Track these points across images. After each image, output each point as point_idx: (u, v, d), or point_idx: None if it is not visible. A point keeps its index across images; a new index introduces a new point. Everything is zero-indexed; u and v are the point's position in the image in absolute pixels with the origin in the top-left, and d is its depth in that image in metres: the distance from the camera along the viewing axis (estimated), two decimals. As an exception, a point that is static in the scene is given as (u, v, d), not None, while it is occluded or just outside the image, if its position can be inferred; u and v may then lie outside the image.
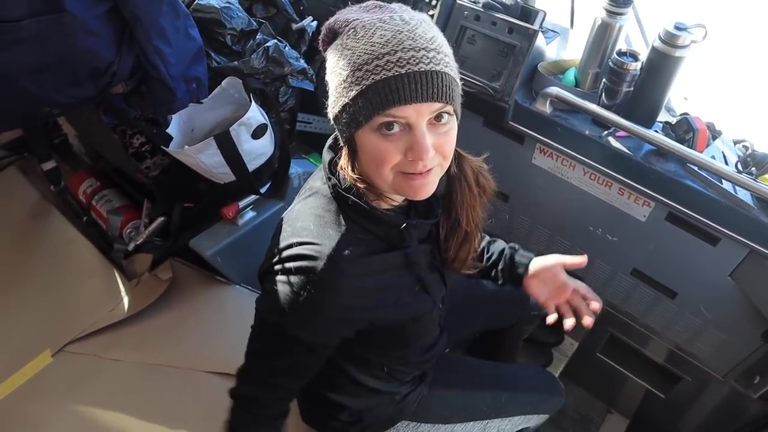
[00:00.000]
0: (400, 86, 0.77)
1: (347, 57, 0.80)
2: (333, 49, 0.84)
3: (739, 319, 1.47)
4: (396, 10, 0.82)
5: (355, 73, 0.79)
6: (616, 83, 1.37)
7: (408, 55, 0.77)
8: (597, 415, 2.16)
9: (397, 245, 0.96)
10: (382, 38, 0.77)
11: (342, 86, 0.81)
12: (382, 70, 0.77)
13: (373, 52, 0.77)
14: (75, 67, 1.18)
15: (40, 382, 1.53)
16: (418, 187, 0.86)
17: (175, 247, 1.73)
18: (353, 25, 0.81)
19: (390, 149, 0.82)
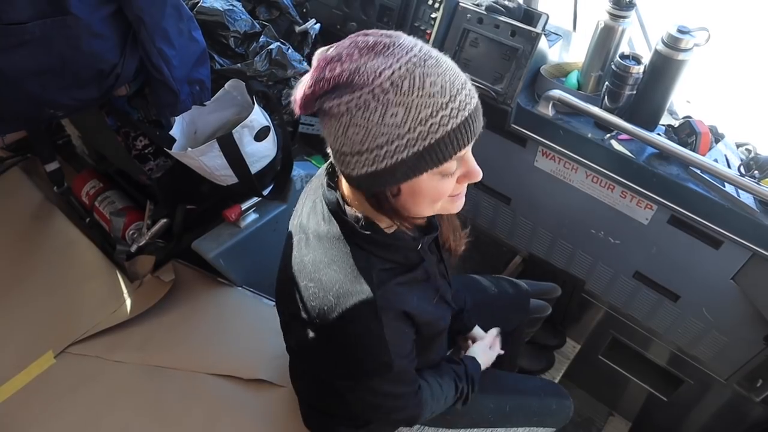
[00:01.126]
0: (468, 128, 0.76)
1: (402, 113, 0.73)
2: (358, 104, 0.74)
3: (741, 323, 1.47)
4: (409, 44, 0.76)
5: (418, 128, 0.73)
6: (619, 86, 1.37)
7: (463, 95, 0.75)
8: (599, 418, 2.15)
9: (416, 264, 0.96)
10: (435, 85, 0.73)
11: (395, 144, 0.74)
12: (450, 119, 0.74)
13: (436, 103, 0.73)
14: (79, 69, 1.18)
15: (42, 383, 1.53)
16: (460, 202, 0.89)
17: (178, 249, 1.74)
18: (388, 76, 0.72)
19: (448, 186, 0.82)
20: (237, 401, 1.45)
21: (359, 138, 0.76)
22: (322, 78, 0.75)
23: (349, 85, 0.74)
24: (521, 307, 1.55)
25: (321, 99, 0.76)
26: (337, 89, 0.75)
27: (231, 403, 1.45)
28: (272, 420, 1.40)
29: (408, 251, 0.94)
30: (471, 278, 1.56)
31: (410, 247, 0.94)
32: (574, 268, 1.81)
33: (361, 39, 0.76)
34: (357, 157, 0.78)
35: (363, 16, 1.75)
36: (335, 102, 0.75)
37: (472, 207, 1.53)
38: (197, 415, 1.45)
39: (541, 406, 1.41)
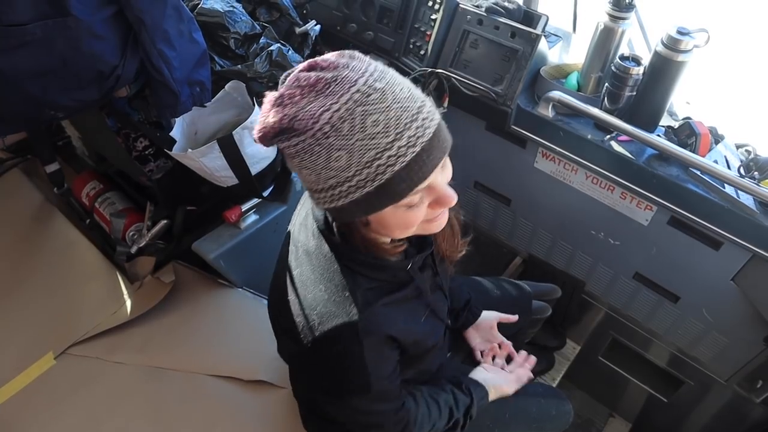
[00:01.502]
0: (422, 164, 0.72)
1: (345, 157, 0.70)
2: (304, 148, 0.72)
3: (741, 324, 1.47)
4: (352, 77, 0.71)
5: (364, 171, 0.71)
6: (619, 87, 1.37)
7: (413, 130, 0.71)
8: (599, 419, 2.15)
9: (405, 282, 0.96)
10: (378, 125, 0.69)
11: (346, 185, 0.73)
12: (398, 158, 0.71)
13: (378, 145, 0.70)
14: (79, 71, 1.18)
15: (42, 384, 1.53)
16: (441, 222, 0.87)
17: (178, 250, 1.73)
18: (325, 119, 0.69)
19: (418, 215, 0.80)
20: (237, 402, 1.45)
21: (312, 179, 0.76)
22: (269, 123, 0.73)
23: (292, 129, 0.72)
24: (524, 309, 1.55)
25: (273, 141, 0.75)
26: (284, 133, 0.73)
27: (231, 404, 1.45)
28: (272, 421, 1.40)
29: (396, 271, 0.93)
30: (473, 280, 1.56)
31: (399, 267, 0.93)
32: (574, 269, 1.81)
33: (304, 76, 0.72)
34: (317, 194, 0.78)
35: (363, 18, 1.75)
36: (285, 145, 0.74)
37: (472, 208, 1.53)
38: (197, 417, 1.45)
39: (540, 412, 1.41)
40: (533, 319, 1.59)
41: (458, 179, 1.86)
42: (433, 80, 1.60)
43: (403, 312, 0.96)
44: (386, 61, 1.70)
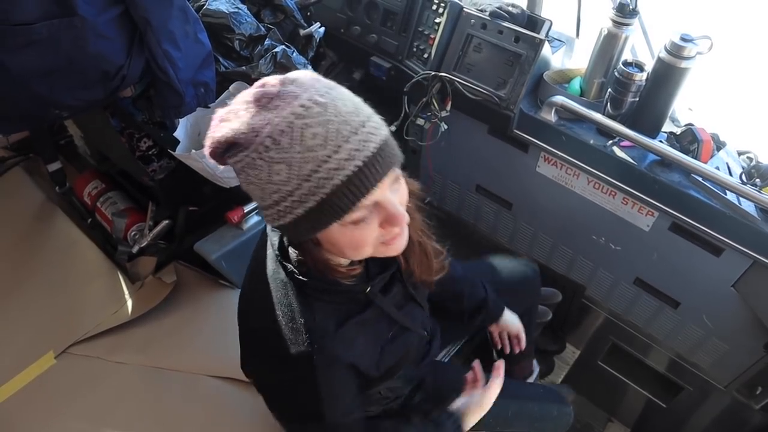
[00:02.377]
0: (363, 178, 0.71)
1: (285, 170, 0.70)
2: (248, 164, 0.72)
3: (741, 330, 1.47)
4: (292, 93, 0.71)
5: (305, 184, 0.70)
6: (622, 93, 1.37)
7: (353, 143, 0.70)
8: (598, 424, 2.15)
9: (366, 305, 0.95)
10: (317, 138, 0.69)
11: (289, 200, 0.72)
12: (337, 171, 0.70)
13: (317, 158, 0.69)
14: (85, 70, 1.19)
15: (43, 383, 1.53)
16: (400, 244, 0.84)
17: (180, 251, 1.74)
18: (267, 133, 0.69)
19: (367, 234, 0.78)
20: (238, 403, 1.45)
21: (258, 195, 0.75)
22: (216, 140, 0.73)
23: (237, 144, 0.72)
24: (532, 286, 1.53)
25: (223, 156, 0.75)
26: (231, 148, 0.73)
27: (232, 404, 1.45)
28: (272, 422, 1.40)
29: (355, 294, 0.92)
30: (480, 262, 1.54)
31: (357, 291, 0.92)
32: (575, 273, 1.82)
33: (250, 92, 0.73)
34: (265, 211, 0.77)
35: (367, 20, 1.76)
36: (231, 161, 0.74)
37: (473, 212, 1.53)
38: (198, 417, 1.45)
39: (542, 413, 1.42)
40: (536, 323, 1.60)
41: (460, 183, 1.86)
42: (436, 84, 1.61)
43: (365, 334, 0.94)
44: (386, 69, 1.71)
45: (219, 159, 0.77)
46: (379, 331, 0.99)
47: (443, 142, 1.74)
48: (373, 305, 0.95)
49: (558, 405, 1.46)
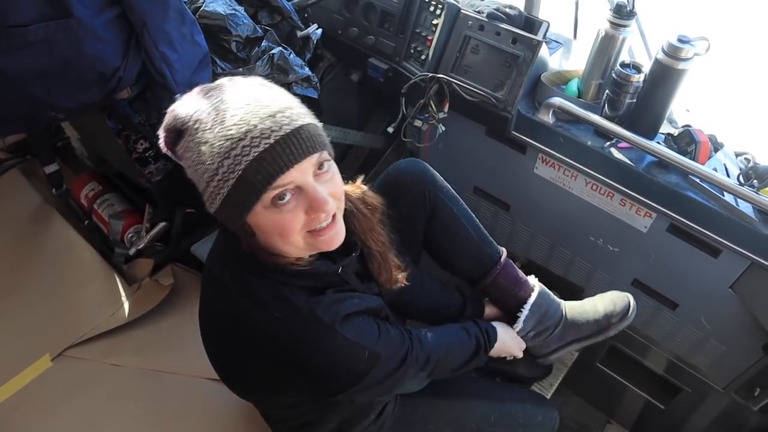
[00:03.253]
0: (276, 156, 0.77)
1: (208, 150, 0.78)
2: (186, 148, 0.82)
3: (739, 331, 1.47)
4: (227, 85, 0.82)
5: (225, 162, 0.77)
6: (619, 94, 1.37)
7: (268, 123, 0.77)
8: (596, 426, 2.15)
9: (340, 283, 0.99)
10: (235, 117, 0.77)
11: (215, 180, 0.79)
12: (251, 149, 0.76)
13: (234, 136, 0.76)
14: (81, 72, 1.18)
15: (39, 386, 1.52)
16: (332, 238, 0.89)
17: (177, 253, 1.74)
18: (196, 117, 0.79)
19: (290, 218, 0.82)
20: (234, 407, 1.44)
21: (196, 178, 0.83)
22: (164, 127, 0.84)
23: (181, 130, 0.82)
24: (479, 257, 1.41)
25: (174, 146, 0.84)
26: (178, 136, 0.83)
27: (229, 407, 1.44)
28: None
29: (326, 276, 0.96)
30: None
31: (327, 272, 0.96)
32: (573, 275, 1.81)
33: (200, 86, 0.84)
34: (203, 196, 0.84)
35: (364, 22, 1.76)
36: (178, 147, 0.83)
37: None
38: (195, 420, 1.45)
39: (526, 417, 1.40)
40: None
41: (458, 185, 1.86)
42: (433, 85, 1.61)
43: (349, 297, 0.98)
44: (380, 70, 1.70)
45: (171, 148, 0.85)
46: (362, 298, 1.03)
47: (441, 143, 1.73)
48: (347, 285, 1.00)
49: (543, 410, 1.45)
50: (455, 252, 1.40)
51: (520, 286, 1.41)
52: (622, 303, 1.42)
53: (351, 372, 0.94)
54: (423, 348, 1.10)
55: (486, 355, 1.28)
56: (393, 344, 1.02)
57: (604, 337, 1.41)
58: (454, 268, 1.43)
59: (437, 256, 1.44)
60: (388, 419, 1.27)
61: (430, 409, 1.32)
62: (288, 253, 0.89)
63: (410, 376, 1.07)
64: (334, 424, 1.16)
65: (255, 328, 0.91)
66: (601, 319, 1.40)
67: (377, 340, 0.97)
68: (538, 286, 1.42)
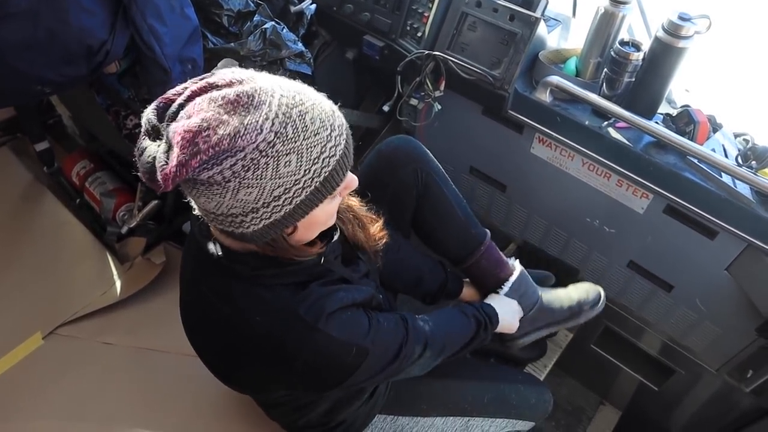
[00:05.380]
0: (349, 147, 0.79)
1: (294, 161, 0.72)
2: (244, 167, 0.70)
3: (734, 313, 1.47)
4: (269, 85, 0.73)
5: (313, 168, 0.74)
6: (618, 73, 1.35)
7: (337, 119, 0.78)
8: (589, 407, 2.16)
9: (323, 272, 0.95)
10: (315, 121, 0.74)
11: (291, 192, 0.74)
12: (336, 147, 0.76)
13: (322, 139, 0.74)
14: (67, 45, 1.15)
15: (30, 364, 1.52)
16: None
17: (169, 231, 1.72)
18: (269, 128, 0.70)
19: (336, 203, 0.85)
20: (227, 385, 1.44)
21: (253, 197, 0.73)
22: (198, 151, 0.67)
23: (230, 149, 0.69)
24: (465, 237, 1.42)
25: (201, 171, 0.70)
26: (216, 156, 0.69)
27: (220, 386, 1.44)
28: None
29: (311, 268, 0.93)
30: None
31: (312, 263, 0.93)
32: (568, 256, 1.81)
33: (218, 95, 0.69)
34: (252, 215, 0.75)
35: (360, -2, 1.72)
36: (216, 170, 0.70)
37: (467, 193, 1.52)
38: (186, 398, 1.45)
39: (520, 399, 1.41)
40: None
41: (454, 164, 1.84)
42: (429, 63, 1.58)
43: (334, 291, 0.95)
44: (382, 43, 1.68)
45: (184, 178, 0.70)
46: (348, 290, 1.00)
47: (437, 122, 1.71)
48: (332, 273, 0.96)
49: (537, 392, 1.45)
50: (443, 231, 1.41)
51: (501, 267, 1.44)
52: (594, 293, 1.50)
53: (338, 369, 0.93)
54: (419, 337, 1.08)
55: (489, 332, 1.28)
56: (385, 338, 1.00)
57: (574, 323, 1.48)
58: (439, 246, 1.44)
59: (424, 233, 1.45)
60: (381, 399, 1.27)
61: (423, 389, 1.33)
62: (314, 236, 0.88)
63: (408, 365, 1.07)
64: (328, 405, 1.16)
65: (239, 334, 0.89)
66: (573, 306, 1.46)
67: (366, 335, 0.95)
68: (519, 268, 1.45)
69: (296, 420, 1.18)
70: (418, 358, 1.09)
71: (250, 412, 1.38)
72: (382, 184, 1.31)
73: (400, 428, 1.32)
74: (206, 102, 0.70)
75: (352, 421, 1.24)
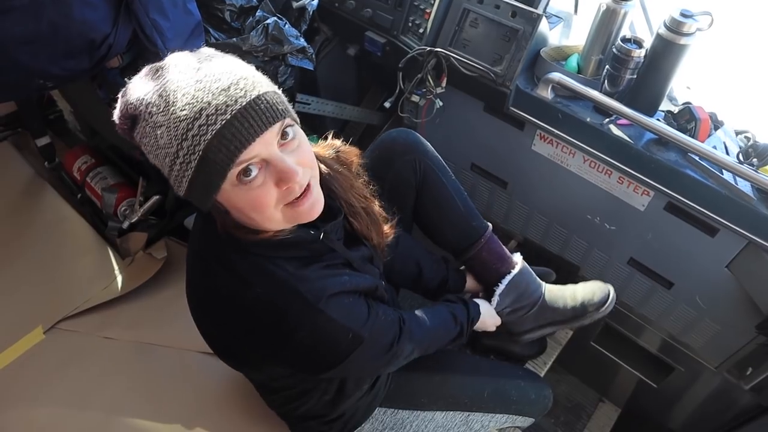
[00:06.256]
0: (235, 131, 0.73)
1: (165, 133, 0.74)
2: (143, 134, 0.77)
3: (734, 311, 1.47)
4: (174, 62, 0.78)
5: (183, 144, 0.74)
6: (619, 70, 1.35)
7: (222, 98, 0.73)
8: (589, 404, 2.17)
9: (325, 251, 0.96)
10: (187, 96, 0.73)
11: (178, 163, 0.76)
12: (208, 127, 0.73)
13: (188, 116, 0.73)
14: (69, 39, 1.15)
15: (31, 358, 1.52)
16: (311, 207, 0.86)
17: (170, 226, 1.73)
18: (148, 100, 0.75)
19: (261, 193, 0.80)
20: (227, 379, 1.44)
21: (158, 164, 0.79)
22: (118, 116, 0.80)
23: (134, 116, 0.77)
24: (465, 229, 1.41)
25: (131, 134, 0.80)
26: (132, 121, 0.78)
27: (221, 380, 1.44)
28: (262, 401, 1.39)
29: (309, 243, 0.93)
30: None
31: (312, 239, 0.93)
32: (569, 253, 1.81)
33: (147, 66, 0.80)
34: (169, 180, 0.80)
35: (362, -6, 1.72)
36: (134, 133, 0.79)
37: (468, 190, 1.52)
38: (187, 393, 1.45)
39: (519, 395, 1.41)
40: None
41: (455, 161, 1.83)
42: (431, 59, 1.58)
43: (338, 274, 0.96)
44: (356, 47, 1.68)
45: (129, 135, 0.81)
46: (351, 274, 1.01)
47: (438, 119, 1.71)
48: (334, 252, 0.97)
49: (536, 388, 1.46)
50: (442, 222, 1.41)
51: (502, 262, 1.42)
52: (601, 293, 1.44)
53: (331, 352, 0.94)
54: (413, 337, 1.10)
55: (466, 337, 1.30)
56: (380, 330, 1.01)
57: (578, 325, 1.45)
58: (440, 238, 1.44)
59: (425, 225, 1.44)
60: (381, 391, 1.28)
61: (423, 383, 1.33)
62: (269, 227, 0.87)
63: (395, 362, 1.08)
64: (328, 396, 1.17)
65: (240, 304, 0.90)
66: (577, 306, 1.43)
67: (364, 324, 0.96)
68: (521, 264, 1.43)
69: (295, 408, 1.19)
70: (405, 357, 1.11)
71: (250, 405, 1.39)
72: (381, 175, 1.30)
73: (400, 421, 1.32)
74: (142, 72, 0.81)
75: (353, 413, 1.24)
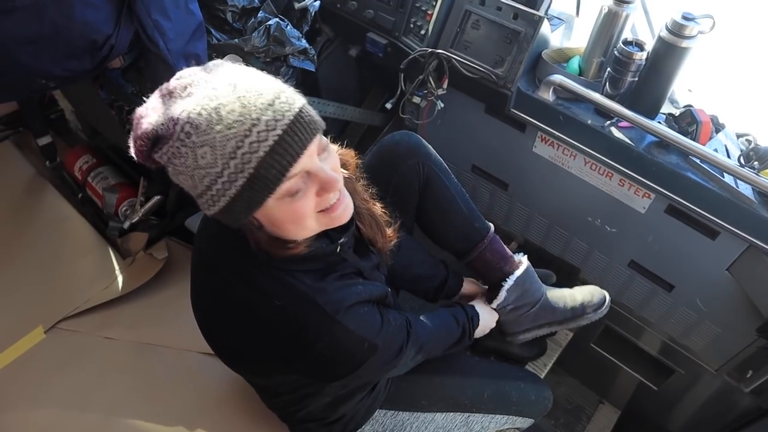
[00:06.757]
0: (286, 147, 0.73)
1: (209, 152, 0.72)
2: (174, 154, 0.74)
3: (734, 314, 1.47)
4: (204, 78, 0.76)
5: (231, 163, 0.72)
6: (621, 73, 1.35)
7: (270, 114, 0.73)
8: (589, 406, 2.17)
9: (338, 262, 0.98)
10: (233, 114, 0.71)
11: (220, 182, 0.74)
12: (259, 143, 0.72)
13: (237, 134, 0.71)
14: (71, 39, 1.16)
15: (32, 358, 1.52)
16: (344, 211, 0.87)
17: (171, 227, 1.73)
18: (185, 119, 0.72)
19: (303, 204, 0.80)
20: (227, 379, 1.44)
21: (189, 184, 0.77)
22: (138, 136, 0.75)
23: (159, 137, 0.74)
24: (467, 230, 1.43)
25: (150, 155, 0.77)
26: (156, 143, 0.75)
27: (222, 381, 1.44)
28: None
29: (327, 256, 0.95)
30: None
31: (328, 252, 0.94)
32: (570, 255, 1.81)
33: (165, 86, 0.76)
34: (200, 199, 0.79)
35: (364, -5, 1.72)
36: (158, 155, 0.76)
37: (469, 192, 1.52)
38: (188, 393, 1.45)
39: (519, 396, 1.42)
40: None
41: (456, 162, 1.83)
42: (433, 61, 1.58)
43: (353, 284, 0.97)
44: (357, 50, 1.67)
45: (147, 159, 0.78)
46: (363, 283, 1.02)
47: (440, 120, 1.71)
48: (346, 263, 0.99)
49: (537, 389, 1.46)
50: (445, 225, 1.42)
51: (506, 261, 1.43)
52: (599, 296, 1.49)
53: (348, 361, 0.95)
54: (418, 340, 1.11)
55: (469, 341, 1.31)
56: (392, 336, 1.02)
57: (575, 325, 1.49)
58: (443, 240, 1.45)
59: (427, 227, 1.45)
60: (381, 393, 1.28)
61: (423, 385, 1.33)
62: (302, 236, 0.87)
63: (401, 365, 1.09)
64: (329, 398, 1.17)
65: (258, 316, 0.91)
66: (576, 307, 1.46)
67: (378, 332, 0.97)
68: (526, 263, 1.45)
69: (297, 411, 1.19)
70: (411, 359, 1.12)
71: (250, 406, 1.39)
72: (384, 179, 1.31)
73: (400, 423, 1.32)
74: (157, 91, 0.77)
75: (353, 415, 1.24)
